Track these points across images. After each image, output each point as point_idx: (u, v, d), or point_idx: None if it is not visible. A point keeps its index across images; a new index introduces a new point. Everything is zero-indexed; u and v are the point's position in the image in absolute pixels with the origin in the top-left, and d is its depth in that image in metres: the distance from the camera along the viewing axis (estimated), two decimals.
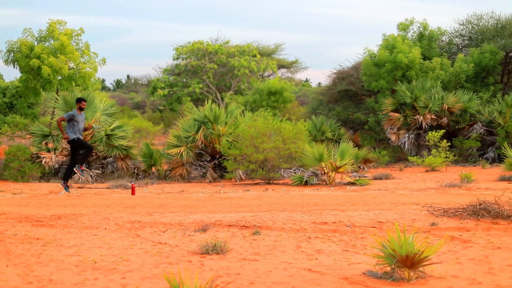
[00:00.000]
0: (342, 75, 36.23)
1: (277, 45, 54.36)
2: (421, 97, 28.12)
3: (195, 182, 21.86)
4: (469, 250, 8.39)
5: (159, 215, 12.23)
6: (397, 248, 6.75)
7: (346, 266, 7.55)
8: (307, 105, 41.64)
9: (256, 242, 9.22)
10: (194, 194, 17.45)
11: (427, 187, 17.59)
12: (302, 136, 21.33)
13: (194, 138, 22.36)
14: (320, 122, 31.52)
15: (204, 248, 8.40)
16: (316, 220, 10.91)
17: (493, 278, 6.89)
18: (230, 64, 44.42)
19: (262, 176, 20.64)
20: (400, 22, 33.36)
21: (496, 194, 12.57)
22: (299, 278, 6.99)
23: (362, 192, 16.77)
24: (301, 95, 54.05)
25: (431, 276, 6.88)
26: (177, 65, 45.95)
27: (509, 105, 27.08)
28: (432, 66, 30.59)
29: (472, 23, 35.08)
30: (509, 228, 9.81)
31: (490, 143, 27.40)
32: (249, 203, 14.62)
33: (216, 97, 43.90)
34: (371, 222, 10.60)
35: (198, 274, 7.16)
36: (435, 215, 11.12)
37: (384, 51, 30.65)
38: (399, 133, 28.71)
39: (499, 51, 30.86)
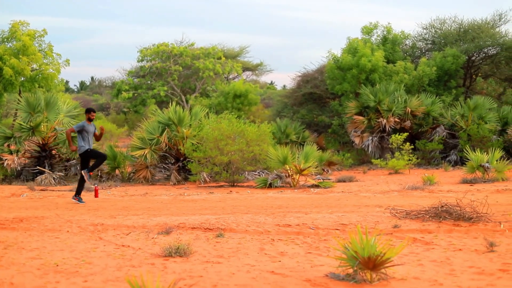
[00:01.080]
0: (307, 78, 36.37)
1: (242, 47, 54.46)
2: (384, 101, 28.31)
3: (159, 184, 21.77)
4: (431, 252, 8.45)
5: (122, 217, 12.16)
6: (359, 250, 6.78)
7: (309, 268, 7.57)
8: (272, 107, 41.73)
9: (220, 244, 9.21)
10: (158, 196, 17.37)
11: (390, 189, 17.71)
12: (266, 138, 21.35)
13: (158, 140, 22.27)
14: (284, 125, 31.60)
15: (167, 250, 8.36)
16: (279, 222, 10.92)
17: (454, 279, 6.95)
18: (195, 66, 44.36)
19: (226, 178, 20.62)
20: (364, 25, 33.60)
21: (458, 196, 12.70)
22: (262, 280, 7.00)
23: (326, 195, 16.83)
24: (266, 97, 54.15)
25: (393, 278, 6.92)
26: (141, 67, 45.78)
27: (471, 109, 27.38)
28: (395, 70, 30.83)
29: (435, 27, 35.47)
30: (470, 230, 9.91)
31: (452, 146, 27.67)
32: (213, 205, 14.60)
33: (181, 99, 43.81)
34: (334, 224, 10.64)
35: (160, 276, 7.12)
36: (398, 217, 11.20)
37: (347, 55, 30.81)
38: (363, 136, 28.87)
39: (461, 55, 31.21)
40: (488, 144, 25.53)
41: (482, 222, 10.42)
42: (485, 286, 6.67)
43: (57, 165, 23.48)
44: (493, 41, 32.64)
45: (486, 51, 33.61)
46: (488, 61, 34.20)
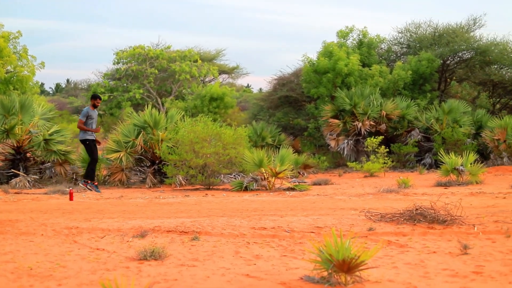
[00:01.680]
0: (283, 81, 36.44)
1: (218, 50, 54.43)
2: (360, 104, 28.42)
3: (135, 187, 21.69)
4: (405, 255, 8.50)
5: (97, 220, 12.10)
6: (334, 253, 6.80)
7: (284, 271, 7.58)
8: (248, 110, 41.76)
9: (195, 247, 9.20)
10: (133, 199, 17.32)
11: (365, 192, 17.78)
12: (242, 141, 21.35)
13: (134, 143, 22.18)
14: (260, 128, 31.63)
15: (142, 254, 8.34)
16: (255, 225, 10.93)
17: (428, 282, 6.99)
18: (171, 69, 44.28)
19: (202, 181, 20.59)
20: (340, 29, 33.75)
21: (432, 199, 12.77)
22: (236, 283, 7.00)
23: (301, 198, 16.86)
24: (242, 100, 54.16)
25: (367, 281, 6.95)
26: (117, 70, 45.62)
27: (446, 112, 27.57)
28: (371, 73, 30.98)
29: (411, 31, 35.71)
30: (444, 232, 9.98)
31: (427, 149, 27.84)
32: (189, 208, 14.58)
33: (156, 102, 43.70)
34: (309, 227, 10.67)
35: (135, 280, 7.10)
36: (373, 220, 11.24)
37: (323, 58, 30.90)
38: (338, 139, 28.96)
39: (436, 59, 31.43)
40: (463, 147, 25.71)
41: (456, 225, 10.49)
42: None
43: (31, 168, 23.30)
44: (467, 45, 32.89)
45: (461, 55, 33.88)
46: (462, 65, 34.47)
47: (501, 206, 13.16)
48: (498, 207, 12.99)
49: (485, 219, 11.14)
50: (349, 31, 33.71)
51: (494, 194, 16.17)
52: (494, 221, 10.91)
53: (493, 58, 32.86)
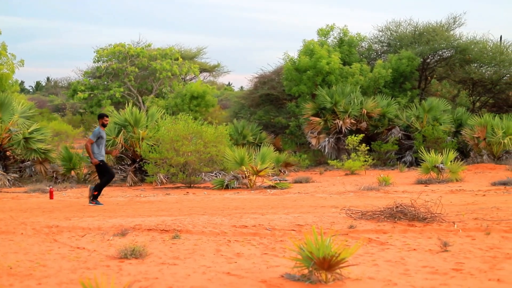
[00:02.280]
0: (264, 79, 36.43)
1: (199, 48, 54.32)
2: (340, 102, 28.47)
3: (116, 186, 21.61)
4: (385, 252, 8.52)
5: (77, 219, 12.05)
6: (315, 251, 6.81)
7: (265, 269, 7.58)
8: (229, 109, 41.73)
9: (176, 246, 9.18)
10: (114, 198, 17.26)
11: (346, 190, 17.82)
12: (223, 139, 21.34)
13: (115, 141, 22.10)
14: (241, 126, 31.61)
15: (122, 252, 8.31)
16: (236, 223, 10.92)
17: (408, 279, 7.01)
18: (152, 67, 44.13)
19: (183, 179, 20.55)
20: (320, 28, 33.77)
21: (413, 197, 12.83)
22: (217, 281, 6.99)
23: (282, 196, 16.88)
24: (223, 99, 54.11)
25: (348, 278, 6.96)
26: (98, 68, 45.38)
27: (426, 110, 27.69)
28: (351, 72, 31.04)
29: (391, 29, 35.82)
30: (424, 230, 10.02)
31: (407, 147, 27.94)
32: (170, 207, 14.55)
33: (137, 100, 43.55)
34: (290, 225, 10.67)
35: (115, 279, 7.08)
36: (354, 218, 11.27)
37: (304, 56, 30.93)
38: (319, 137, 29.01)
39: (416, 57, 31.57)
40: (443, 145, 25.84)
41: (436, 222, 10.54)
42: (438, 285, 6.74)
43: (11, 166, 23.18)
44: (447, 43, 33.07)
45: (441, 53, 34.07)
46: (442, 63, 34.64)
47: (481, 204, 13.23)
48: (477, 205, 13.07)
49: (465, 216, 11.21)
50: (329, 29, 33.75)
51: (474, 192, 16.26)
52: (474, 218, 10.98)
53: (472, 56, 33.05)
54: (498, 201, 13.75)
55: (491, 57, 33.16)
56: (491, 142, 25.77)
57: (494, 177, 20.31)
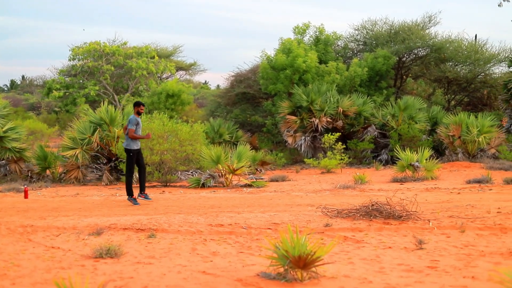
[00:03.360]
0: (240, 78, 36.39)
1: (176, 47, 54.22)
2: (317, 101, 28.50)
3: (91, 185, 21.50)
4: (361, 250, 8.55)
5: (52, 219, 11.98)
6: (290, 249, 6.81)
7: (240, 268, 7.58)
8: (205, 107, 41.65)
9: (152, 245, 9.15)
10: (90, 197, 17.17)
11: (322, 188, 17.85)
12: (199, 138, 21.29)
13: (90, 140, 21.96)
14: (218, 125, 31.54)
15: (97, 252, 8.27)
16: (212, 222, 10.91)
17: (384, 277, 7.04)
18: (128, 65, 43.95)
19: (159, 178, 20.48)
20: (296, 26, 33.80)
21: (388, 195, 12.89)
22: (193, 280, 6.97)
23: (259, 194, 16.88)
24: (200, 97, 54.05)
25: (323, 276, 6.97)
26: (73, 66, 45.11)
27: (402, 109, 27.79)
28: (328, 70, 31.08)
29: (367, 28, 35.93)
30: (400, 228, 10.06)
31: (383, 145, 28.03)
32: (145, 205, 14.50)
33: (113, 99, 43.36)
34: (266, 223, 10.68)
35: (90, 278, 7.04)
36: (329, 216, 11.30)
37: (281, 55, 30.94)
38: (295, 135, 29.01)
39: (392, 56, 31.69)
40: (418, 143, 25.95)
41: (412, 220, 10.60)
42: (413, 283, 6.77)
43: None
44: (423, 42, 33.24)
45: (416, 52, 34.23)
46: (418, 62, 34.82)
47: (456, 202, 13.31)
48: (452, 203, 13.15)
49: (440, 214, 11.27)
50: (305, 27, 33.78)
51: (449, 190, 16.36)
52: (449, 216, 11.04)
53: (448, 55, 33.26)
54: (473, 199, 13.84)
55: (466, 56, 33.39)
56: (466, 140, 25.92)
57: (469, 175, 20.45)
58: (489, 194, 15.00)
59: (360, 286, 6.68)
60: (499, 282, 5.51)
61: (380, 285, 6.70)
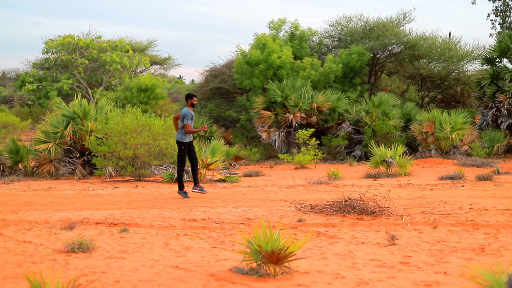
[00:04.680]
0: (215, 72, 36.35)
1: (150, 41, 53.94)
2: (291, 96, 28.52)
3: (64, 179, 21.36)
4: (334, 246, 8.57)
5: (24, 213, 11.88)
6: (263, 244, 6.81)
7: (213, 262, 7.56)
8: (180, 102, 41.51)
9: (124, 239, 9.11)
10: (62, 191, 17.06)
11: (295, 184, 17.87)
12: (172, 132, 21.22)
13: (63, 134, 21.80)
14: None
15: (70, 246, 8.21)
16: (185, 217, 10.89)
17: (356, 272, 7.06)
18: (102, 59, 43.69)
19: (132, 173, 20.40)
20: (272, 21, 33.81)
21: (362, 190, 12.92)
22: (165, 275, 6.95)
23: (232, 189, 16.87)
24: (174, 92, 53.85)
25: (296, 271, 6.98)
26: (46, 59, 44.74)
27: (376, 105, 27.90)
28: (302, 66, 31.12)
29: (342, 24, 36.04)
30: (373, 223, 10.10)
31: (357, 141, 28.14)
32: (118, 200, 14.44)
33: (87, 92, 43.09)
34: (240, 218, 10.68)
35: (62, 273, 6.99)
36: (303, 211, 11.32)
37: (255, 50, 30.93)
38: (270, 131, 29.01)
39: (366, 53, 31.79)
40: (392, 139, 26.09)
41: (385, 216, 10.65)
42: (386, 278, 6.80)
43: None
44: (397, 39, 33.39)
45: (391, 49, 34.37)
46: (392, 59, 34.96)
47: (429, 198, 13.39)
48: (425, 199, 13.22)
49: (413, 210, 11.33)
50: (281, 23, 33.79)
51: (421, 186, 16.45)
52: (422, 212, 11.11)
53: (422, 52, 33.45)
54: (445, 195, 13.93)
55: (440, 53, 33.61)
56: (439, 137, 26.08)
57: (441, 171, 20.58)
58: (462, 190, 15.11)
59: (333, 281, 6.69)
60: (470, 278, 5.54)
61: (352, 280, 6.72)
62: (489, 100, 28.54)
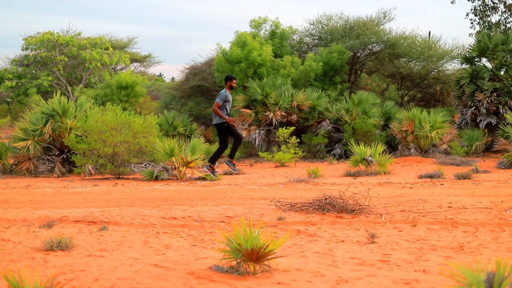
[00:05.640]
0: (195, 70, 36.32)
1: (130, 38, 53.82)
2: (271, 94, 28.54)
3: (43, 176, 21.25)
4: (314, 244, 8.58)
5: (2, 211, 11.80)
6: (243, 242, 6.81)
7: (193, 261, 7.55)
8: (160, 99, 41.46)
9: (103, 238, 9.07)
10: (41, 189, 16.95)
11: (276, 182, 17.88)
12: (152, 130, 21.17)
13: (42, 131, 21.69)
14: (172, 117, 31.45)
15: (48, 244, 8.17)
16: (165, 215, 10.86)
17: (336, 270, 7.08)
18: (81, 56, 43.53)
19: (112, 170, 20.32)
20: (253, 19, 33.84)
21: (341, 189, 12.94)
22: (145, 273, 6.92)
23: (212, 187, 16.84)
24: (154, 89, 53.76)
25: (276, 270, 6.98)
26: (26, 56, 44.55)
27: (356, 103, 27.98)
28: (283, 64, 31.16)
29: (322, 23, 36.12)
30: (352, 222, 10.13)
31: (337, 139, 28.19)
32: (98, 198, 14.38)
33: (66, 90, 42.92)
34: (220, 217, 10.66)
35: (40, 271, 6.95)
36: (283, 209, 11.32)
37: (236, 48, 30.93)
38: (250, 129, 29.02)
39: (346, 51, 31.88)
40: (372, 138, 26.16)
41: (364, 214, 10.67)
42: (365, 276, 6.82)
43: None
44: (377, 38, 33.52)
45: (371, 47, 34.51)
46: (372, 57, 35.10)
47: (408, 196, 13.44)
48: (404, 197, 13.27)
49: (392, 208, 11.37)
50: (262, 21, 33.82)
51: (401, 184, 16.51)
52: (401, 210, 11.15)
53: (402, 51, 33.61)
54: (425, 193, 13.99)
55: (419, 52, 33.79)
56: (418, 136, 26.19)
57: (421, 170, 20.67)
58: (441, 189, 15.18)
59: (312, 279, 6.70)
60: (449, 276, 5.57)
61: (332, 278, 6.73)
62: (468, 99, 28.70)
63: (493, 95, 27.95)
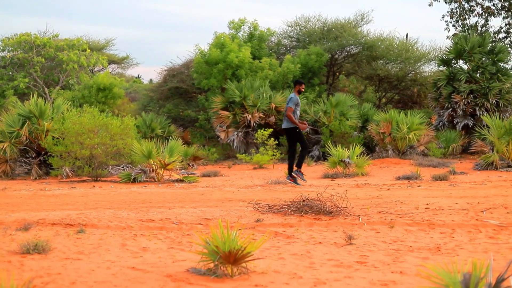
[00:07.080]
0: (173, 72, 36.26)
1: (108, 40, 53.49)
2: (250, 96, 28.57)
3: (19, 179, 21.12)
4: (292, 246, 8.58)
5: None
6: (220, 245, 6.80)
7: (170, 263, 7.53)
8: (137, 101, 41.31)
9: (81, 240, 9.02)
10: (18, 191, 16.85)
11: (254, 184, 17.89)
12: (130, 132, 21.11)
13: (19, 133, 21.55)
14: (150, 119, 31.39)
15: (25, 247, 8.10)
16: (142, 217, 10.82)
17: (314, 272, 7.08)
18: (59, 58, 43.25)
19: (89, 173, 20.24)
20: (231, 20, 33.85)
21: (319, 191, 12.96)
22: (122, 276, 6.89)
23: (190, 189, 16.82)
24: (132, 91, 53.52)
25: (253, 272, 6.97)
26: (2, 58, 44.18)
27: (333, 105, 28.05)
28: (261, 66, 31.19)
29: (300, 25, 36.22)
30: (330, 223, 10.15)
31: (315, 141, 28.25)
32: (75, 200, 14.30)
33: (43, 91, 42.64)
34: (197, 219, 10.65)
35: (16, 274, 6.89)
36: (261, 211, 11.32)
37: (215, 50, 30.91)
38: (228, 131, 29.03)
39: (324, 53, 31.99)
40: (349, 140, 26.27)
41: (342, 216, 10.70)
42: (343, 278, 6.83)
43: None
44: (355, 40, 33.67)
45: (349, 50, 34.68)
46: (350, 59, 35.25)
47: (385, 198, 13.49)
48: (382, 199, 13.32)
49: (370, 210, 11.41)
50: (241, 23, 33.84)
51: (378, 186, 16.58)
52: (379, 212, 11.19)
53: (379, 53, 33.79)
54: (402, 195, 14.05)
55: (397, 54, 33.99)
56: (396, 137, 26.32)
57: (398, 171, 20.77)
58: (418, 190, 15.26)
59: (290, 281, 6.70)
60: (426, 277, 5.59)
61: (310, 280, 6.74)
62: (445, 101, 28.90)
63: (470, 97, 28.17)
